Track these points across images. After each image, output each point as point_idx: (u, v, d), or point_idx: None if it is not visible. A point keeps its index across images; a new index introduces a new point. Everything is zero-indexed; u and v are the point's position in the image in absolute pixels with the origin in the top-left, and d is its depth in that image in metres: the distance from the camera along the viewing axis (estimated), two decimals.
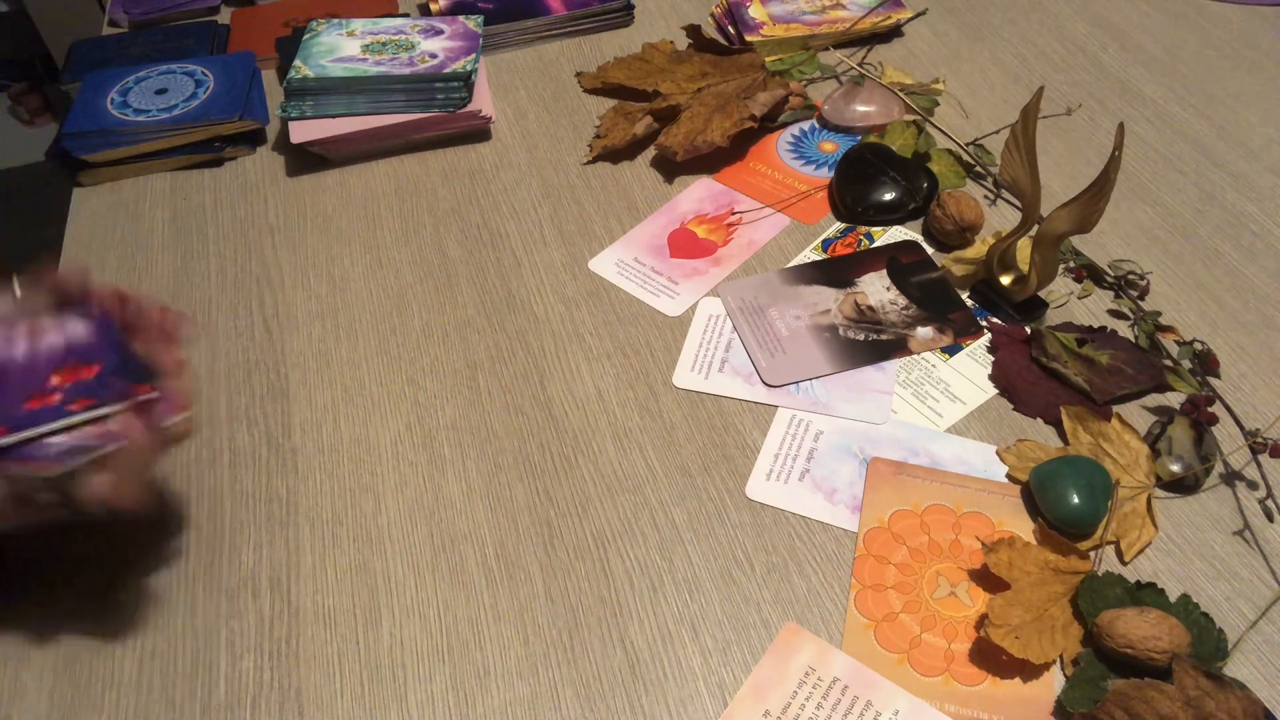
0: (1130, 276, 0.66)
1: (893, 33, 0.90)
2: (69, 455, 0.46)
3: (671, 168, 0.78)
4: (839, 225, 0.72)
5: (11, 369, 0.48)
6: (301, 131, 0.78)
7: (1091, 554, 0.51)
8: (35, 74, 2.29)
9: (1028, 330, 0.63)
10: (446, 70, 0.79)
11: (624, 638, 0.50)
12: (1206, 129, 0.78)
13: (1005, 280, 0.64)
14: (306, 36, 0.84)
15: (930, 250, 0.69)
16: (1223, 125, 0.78)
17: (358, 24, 0.86)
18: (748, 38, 0.87)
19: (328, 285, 0.70)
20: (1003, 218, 0.72)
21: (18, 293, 0.49)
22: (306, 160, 0.81)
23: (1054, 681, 0.47)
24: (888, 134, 0.77)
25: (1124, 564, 0.52)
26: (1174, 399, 0.59)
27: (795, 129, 0.81)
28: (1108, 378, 0.59)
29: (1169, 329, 0.62)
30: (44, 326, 0.50)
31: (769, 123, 0.81)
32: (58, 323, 0.50)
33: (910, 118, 0.79)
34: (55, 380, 0.48)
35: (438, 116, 0.79)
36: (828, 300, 0.66)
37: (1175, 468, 0.54)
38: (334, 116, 0.79)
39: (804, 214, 0.74)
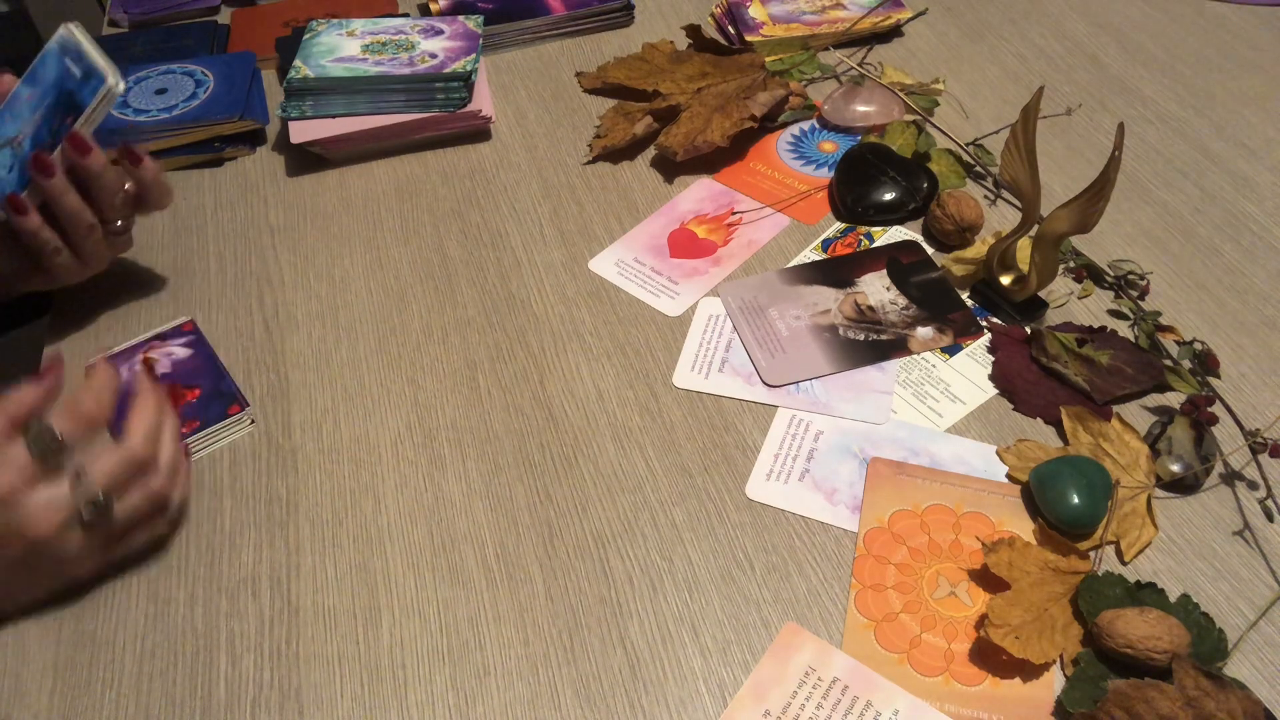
0: (1130, 276, 0.66)
1: (893, 33, 0.90)
2: None
3: (671, 168, 0.78)
4: (839, 225, 0.72)
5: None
6: (301, 131, 0.78)
7: (1091, 554, 0.51)
8: None
9: (1028, 330, 0.63)
10: (446, 70, 0.79)
11: (624, 638, 0.50)
12: (1206, 129, 0.78)
13: (1005, 280, 0.64)
14: (306, 36, 0.84)
15: (930, 250, 0.69)
16: (1223, 125, 0.78)
17: (358, 24, 0.86)
18: (748, 38, 0.87)
19: (328, 285, 0.70)
20: (1003, 218, 0.72)
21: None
22: (306, 160, 0.81)
23: (1054, 681, 0.47)
24: (888, 134, 0.77)
25: (1124, 564, 0.52)
26: (1174, 399, 0.59)
27: (795, 129, 0.81)
28: (1108, 378, 0.59)
29: (1169, 329, 0.62)
30: (154, 356, 0.64)
31: (769, 123, 0.81)
32: (163, 350, 0.64)
33: (910, 118, 0.79)
34: None
35: (438, 116, 0.79)
36: (828, 300, 0.66)
37: (1175, 468, 0.54)
38: (334, 116, 0.79)
39: (804, 214, 0.74)
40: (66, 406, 0.48)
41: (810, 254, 0.70)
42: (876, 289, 0.67)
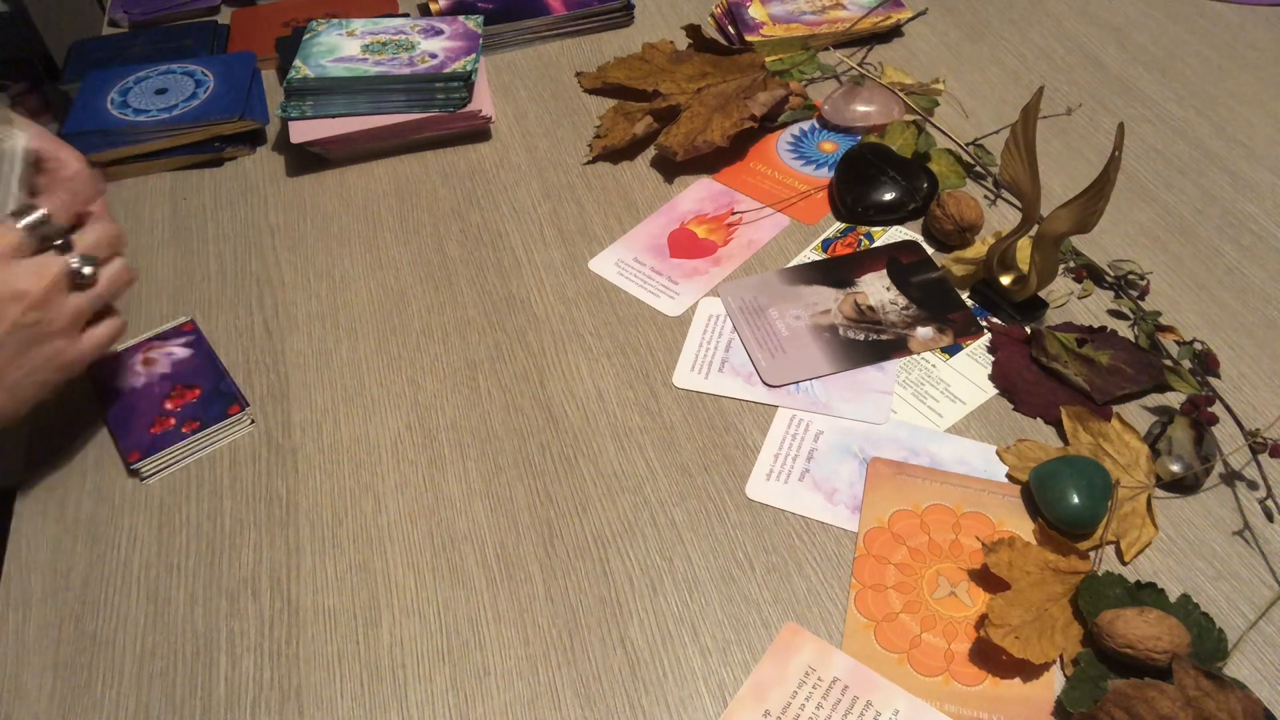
0: (1130, 276, 0.66)
1: (893, 33, 0.91)
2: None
3: (671, 168, 0.78)
4: (839, 225, 0.72)
5: (138, 400, 0.61)
6: (301, 131, 0.78)
7: (1091, 554, 0.51)
8: (35, 74, 2.29)
9: (1028, 330, 0.63)
10: (446, 70, 0.79)
11: (624, 638, 0.50)
12: (1206, 129, 0.78)
13: (1005, 280, 0.64)
14: (306, 36, 0.84)
15: (930, 250, 0.69)
16: (1223, 125, 0.78)
17: (358, 24, 0.86)
18: (748, 38, 0.87)
19: (328, 285, 0.70)
20: (1003, 218, 0.72)
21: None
22: (306, 160, 0.81)
23: (1054, 681, 0.47)
24: (888, 134, 0.77)
25: (1124, 564, 0.52)
26: (1174, 399, 0.59)
27: (795, 129, 0.81)
28: (1108, 378, 0.59)
29: (1169, 329, 0.62)
30: (155, 356, 0.64)
31: (769, 123, 0.81)
32: (164, 350, 0.65)
33: (910, 118, 0.79)
34: (169, 405, 0.61)
35: (438, 116, 0.79)
36: (828, 300, 0.66)
37: (1175, 468, 0.54)
38: (334, 116, 0.79)
39: (804, 214, 0.74)
40: (54, 195, 0.55)
41: (810, 254, 0.70)
42: (876, 289, 0.67)
